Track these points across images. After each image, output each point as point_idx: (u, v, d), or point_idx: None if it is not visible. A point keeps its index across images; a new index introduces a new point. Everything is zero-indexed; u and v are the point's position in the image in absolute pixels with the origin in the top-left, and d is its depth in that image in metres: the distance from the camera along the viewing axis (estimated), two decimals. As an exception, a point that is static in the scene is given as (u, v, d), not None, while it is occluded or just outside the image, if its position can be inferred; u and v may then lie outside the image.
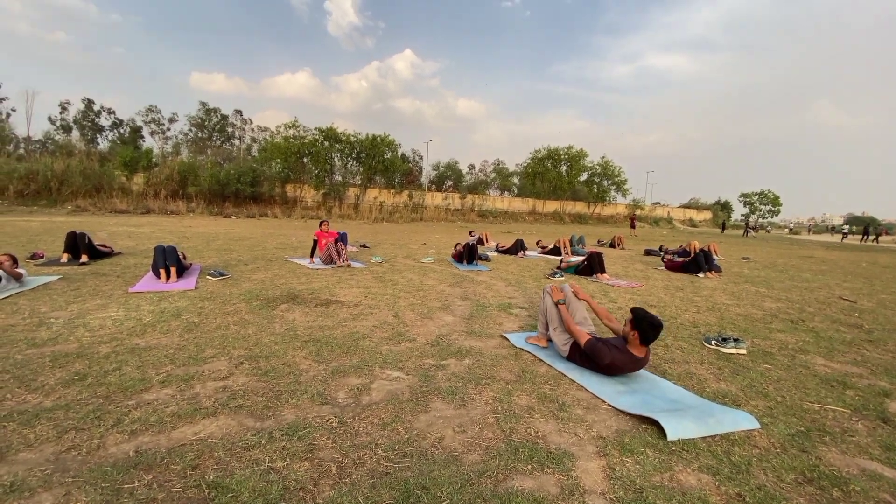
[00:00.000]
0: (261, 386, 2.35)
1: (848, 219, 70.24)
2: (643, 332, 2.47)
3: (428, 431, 1.94)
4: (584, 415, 2.16)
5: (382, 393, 2.32)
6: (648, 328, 2.46)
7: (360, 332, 3.38)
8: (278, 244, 10.04)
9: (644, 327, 2.47)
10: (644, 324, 2.47)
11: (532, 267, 7.76)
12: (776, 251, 15.12)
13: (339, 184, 31.83)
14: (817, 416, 2.25)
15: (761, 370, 2.90)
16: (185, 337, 3.11)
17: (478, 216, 34.80)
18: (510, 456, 1.76)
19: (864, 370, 2.98)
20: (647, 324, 2.46)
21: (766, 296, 5.80)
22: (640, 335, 2.48)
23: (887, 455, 1.87)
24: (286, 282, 5.34)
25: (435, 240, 13.54)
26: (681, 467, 1.74)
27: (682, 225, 43.87)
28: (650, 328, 2.46)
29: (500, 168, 43.89)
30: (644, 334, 2.47)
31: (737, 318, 4.45)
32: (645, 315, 2.49)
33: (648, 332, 2.46)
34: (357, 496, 1.49)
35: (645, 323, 2.47)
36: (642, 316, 2.49)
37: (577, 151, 36.69)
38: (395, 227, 21.19)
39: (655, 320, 2.47)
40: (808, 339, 3.73)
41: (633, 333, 2.50)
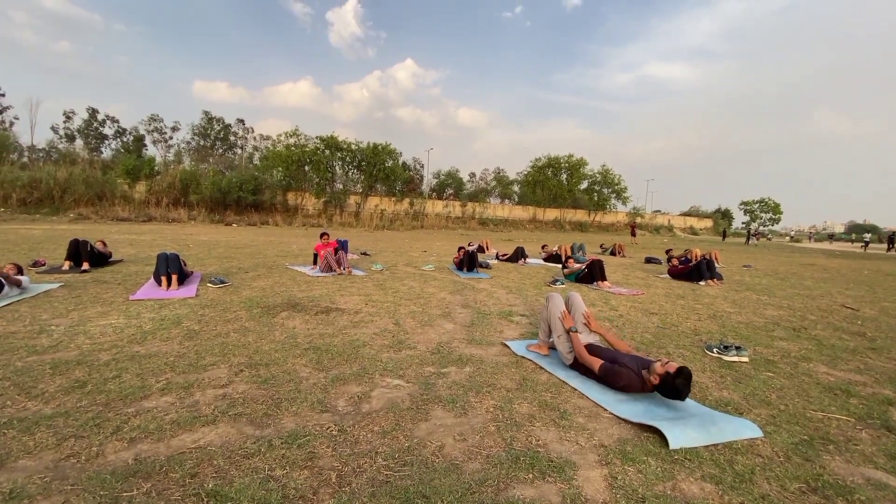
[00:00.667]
0: (260, 394, 2.34)
1: (849, 226, 70.23)
2: (663, 387, 2.33)
3: (428, 440, 1.93)
4: (585, 423, 2.15)
5: (383, 401, 2.31)
6: (670, 390, 2.30)
7: (360, 340, 3.37)
8: (279, 252, 10.05)
9: (667, 388, 2.31)
10: (669, 386, 2.30)
11: (533, 275, 7.76)
12: (777, 259, 15.09)
13: (340, 192, 31.95)
14: (821, 424, 2.23)
15: (764, 378, 2.89)
16: (186, 345, 3.11)
17: (478, 224, 34.86)
18: (511, 464, 1.75)
19: (867, 378, 2.96)
20: (672, 388, 2.28)
21: (767, 304, 5.79)
22: (659, 384, 2.35)
23: (892, 464, 1.86)
24: (287, 289, 5.34)
25: (436, 247, 13.55)
26: (683, 476, 1.72)
27: (683, 233, 43.86)
28: (671, 391, 2.30)
29: (501, 176, 44.07)
30: (662, 388, 2.34)
31: (738, 325, 4.43)
32: (677, 383, 2.26)
33: (667, 391, 2.33)
34: (357, 505, 1.48)
35: (670, 387, 2.29)
36: (674, 382, 2.26)
37: (578, 160, 36.87)
38: (396, 235, 21.21)
39: (682, 393, 2.27)
40: (811, 347, 3.71)
41: (657, 377, 2.35)
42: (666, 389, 2.31)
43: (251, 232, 17.74)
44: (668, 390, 2.30)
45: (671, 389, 2.28)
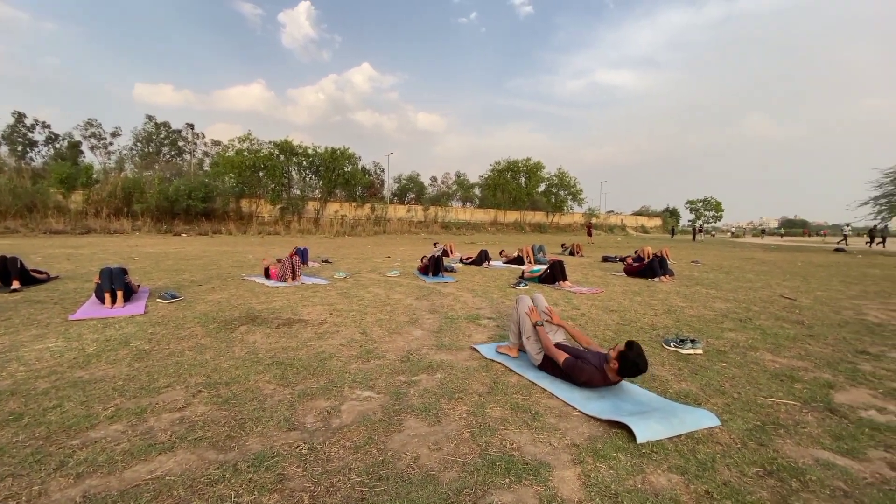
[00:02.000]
0: (222, 415, 2.22)
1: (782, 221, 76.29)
2: (623, 366, 2.45)
3: (403, 451, 1.89)
4: (556, 423, 2.19)
5: (353, 414, 2.25)
6: (630, 367, 2.43)
7: (326, 352, 3.28)
8: (234, 262, 9.64)
9: (626, 364, 2.43)
10: (627, 362, 2.43)
11: (497, 277, 7.86)
12: (721, 254, 16.10)
13: (297, 198, 31.09)
14: (771, 410, 2.39)
15: (717, 368, 3.06)
16: (135, 366, 2.90)
17: (441, 228, 34.96)
18: (487, 470, 1.75)
19: (808, 364, 3.20)
20: (631, 363, 2.42)
21: (715, 297, 6.15)
22: (619, 367, 2.47)
23: (837, 444, 2.01)
24: (244, 302, 5.12)
25: (399, 252, 13.45)
26: (651, 469, 1.79)
27: (635, 231, 45.96)
28: (632, 367, 2.43)
29: (462, 180, 44.44)
30: (623, 368, 2.46)
31: (691, 319, 4.68)
32: (630, 355, 2.42)
33: (628, 369, 2.45)
34: (332, 526, 1.43)
35: (628, 362, 2.42)
36: (627, 356, 2.43)
37: (535, 163, 37.86)
38: (358, 241, 20.89)
39: (640, 363, 2.42)
40: (757, 336, 3.97)
41: (614, 362, 2.48)
42: (627, 367, 2.44)
43: (202, 242, 16.89)
44: (629, 367, 2.44)
45: (631, 365, 2.41)
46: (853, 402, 2.48)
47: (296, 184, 32.41)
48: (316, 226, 29.17)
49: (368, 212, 34.31)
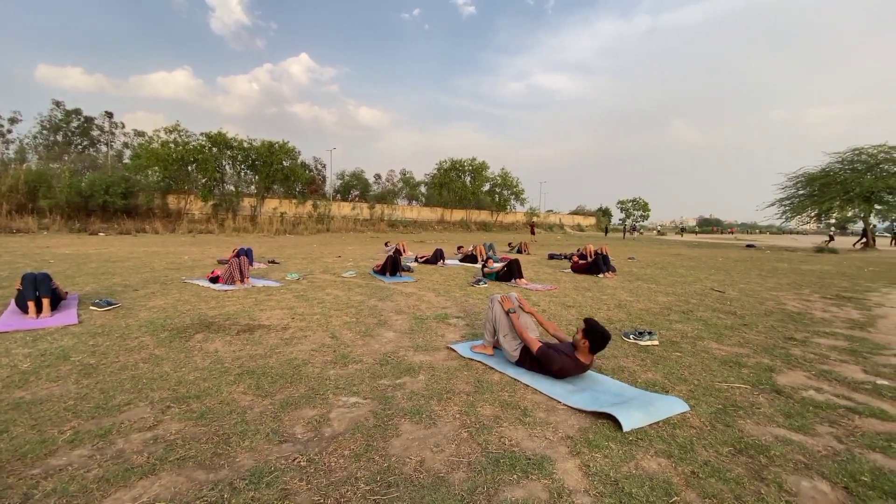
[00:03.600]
0: (200, 431, 2.06)
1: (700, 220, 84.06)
2: (593, 341, 2.66)
3: (406, 456, 1.88)
4: (546, 417, 2.27)
5: (345, 422, 2.19)
6: (599, 338, 2.66)
7: (298, 359, 3.14)
8: (169, 264, 8.90)
9: (595, 338, 2.66)
10: (596, 335, 2.66)
11: (454, 276, 7.93)
12: (652, 251, 17.41)
13: (231, 194, 29.25)
14: (728, 393, 2.65)
15: (675, 358, 3.33)
16: (84, 383, 2.60)
17: (388, 226, 34.57)
18: (493, 468, 1.79)
19: (748, 350, 3.58)
20: (599, 335, 2.66)
21: (657, 291, 6.66)
22: (590, 344, 2.67)
23: (789, 421, 2.28)
24: (193, 308, 4.75)
25: (349, 252, 13.13)
26: (641, 455, 1.92)
27: (572, 230, 48.36)
28: (601, 339, 2.66)
29: (408, 178, 44.16)
30: (594, 344, 2.67)
31: (640, 312, 5.04)
32: (596, 327, 2.68)
33: (598, 342, 2.66)
34: (352, 539, 1.39)
35: (597, 334, 2.66)
36: (594, 328, 2.68)
37: (480, 163, 38.54)
38: (302, 240, 20.10)
39: (606, 333, 2.67)
40: (700, 327, 4.36)
41: (583, 342, 2.68)
42: (596, 340, 2.68)
43: (126, 242, 15.38)
44: (597, 339, 2.68)
45: (599, 335, 2.67)
46: (794, 384, 2.82)
47: (230, 179, 30.51)
48: (253, 224, 27.63)
49: (310, 209, 33.11)
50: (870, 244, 20.20)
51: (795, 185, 21.26)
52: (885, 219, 23.37)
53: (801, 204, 20.79)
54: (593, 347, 2.69)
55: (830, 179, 19.54)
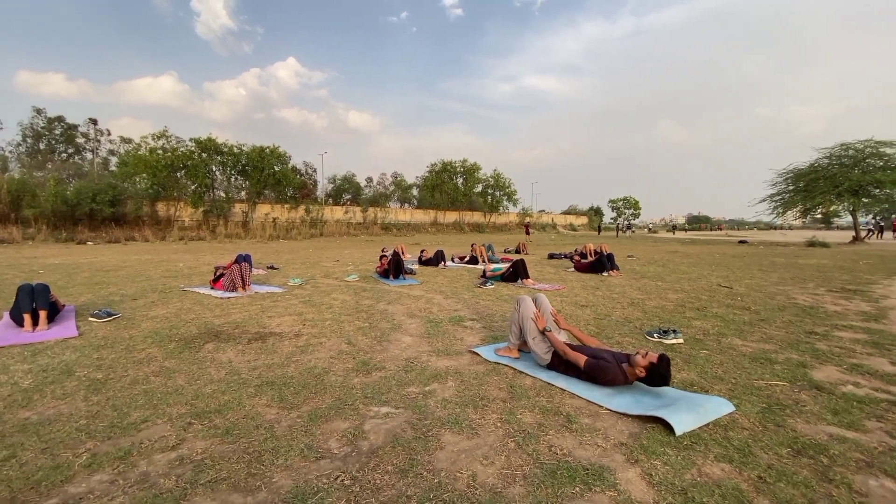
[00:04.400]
0: (229, 449, 1.93)
1: (689, 218, 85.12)
2: (651, 377, 2.44)
3: (455, 470, 1.76)
4: (592, 423, 2.17)
5: (381, 434, 2.06)
6: (658, 378, 2.43)
7: (318, 367, 3.00)
8: (164, 272, 8.68)
9: (655, 377, 2.43)
10: (657, 375, 2.42)
11: (458, 277, 7.82)
12: (647, 248, 17.48)
13: (222, 200, 28.86)
14: (768, 391, 2.57)
15: (703, 356, 3.25)
16: (94, 400, 2.44)
17: (381, 229, 34.37)
18: (552, 481, 1.68)
19: (773, 346, 3.52)
20: (660, 376, 2.42)
21: (665, 288, 6.61)
22: (646, 376, 2.45)
23: (838, 418, 2.20)
24: (197, 316, 4.59)
25: (346, 255, 12.96)
26: (701, 460, 1.83)
27: (565, 230, 48.57)
28: (659, 379, 2.44)
29: (399, 180, 44.05)
30: (650, 379, 2.46)
31: (655, 310, 4.97)
32: (665, 371, 2.40)
33: (655, 380, 2.46)
34: (418, 566, 1.27)
35: (658, 375, 2.42)
36: (662, 373, 2.41)
37: (472, 164, 38.56)
38: (296, 245, 19.83)
39: (668, 378, 2.43)
40: (719, 323, 4.30)
41: (642, 371, 2.45)
42: (654, 378, 2.44)
43: (116, 251, 15.01)
44: (655, 378, 2.44)
45: (659, 377, 2.42)
46: (830, 379, 2.75)
47: (220, 185, 30.11)
48: (245, 230, 27.28)
49: (303, 214, 32.80)
50: (858, 237, 20.53)
51: (785, 181, 21.55)
52: (868, 212, 23.80)
53: (792, 199, 21.08)
54: (647, 380, 2.48)
55: (819, 174, 19.84)
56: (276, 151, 30.41)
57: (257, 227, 28.18)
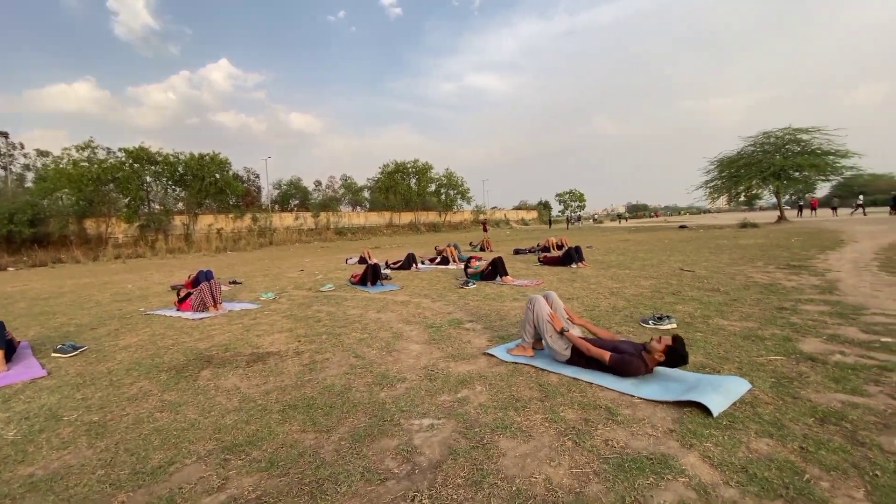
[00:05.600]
0: (282, 483, 1.81)
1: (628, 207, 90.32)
2: (671, 359, 2.59)
3: (527, 475, 1.77)
4: (633, 413, 2.26)
5: (436, 448, 2.03)
6: (678, 359, 2.58)
7: (336, 384, 2.89)
8: (113, 296, 7.98)
9: (676, 357, 2.57)
10: (677, 355, 2.56)
11: (436, 280, 7.80)
12: (600, 238, 18.31)
13: (159, 213, 26.91)
14: (770, 366, 2.80)
15: (699, 338, 3.47)
16: (101, 445, 2.20)
17: (335, 234, 33.56)
18: (624, 474, 1.73)
19: (755, 323, 3.82)
20: (680, 356, 2.56)
21: (635, 276, 6.97)
22: (666, 359, 2.60)
23: (841, 386, 2.44)
24: (175, 342, 4.26)
25: (309, 264, 12.51)
26: (746, 438, 1.95)
27: (518, 225, 49.84)
28: (679, 359, 2.58)
29: (350, 183, 43.12)
30: (669, 361, 2.60)
31: (636, 297, 5.23)
32: (682, 350, 2.56)
33: (675, 361, 2.59)
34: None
35: (678, 355, 2.56)
36: (680, 352, 2.56)
37: (424, 164, 38.53)
38: (248, 256, 18.90)
39: (686, 357, 2.57)
40: (699, 306, 4.60)
41: (661, 355, 2.60)
42: (674, 359, 2.59)
43: (46, 275, 13.56)
44: (676, 359, 2.59)
45: (679, 357, 2.57)
46: (818, 350, 3.04)
47: (156, 197, 28.04)
48: (188, 243, 25.56)
49: (250, 223, 31.30)
50: (783, 217, 22.76)
51: (717, 168, 23.43)
52: (790, 193, 26.32)
53: (724, 185, 22.98)
54: (667, 362, 2.63)
55: (747, 161, 21.79)
56: (216, 158, 28.83)
57: (201, 240, 26.53)
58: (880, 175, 41.81)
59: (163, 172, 26.68)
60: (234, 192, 31.44)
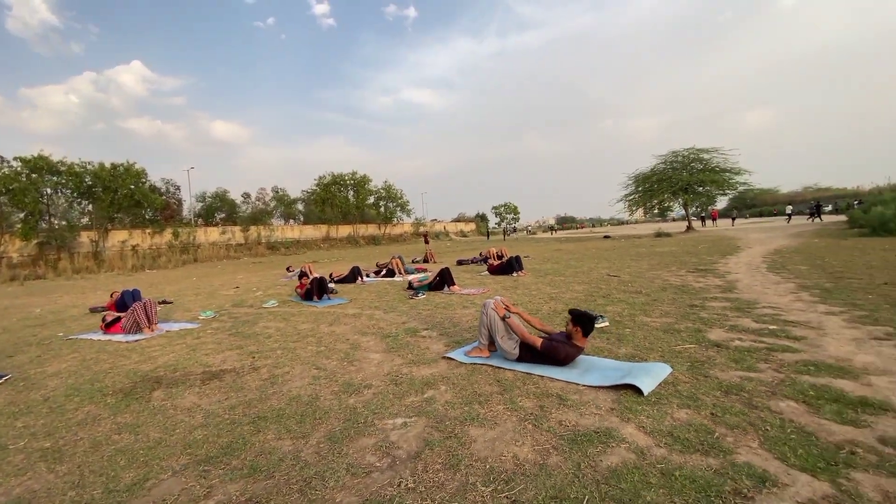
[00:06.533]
0: (269, 485, 1.89)
1: (557, 219, 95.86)
2: (584, 325, 3.07)
3: (497, 455, 2.01)
4: (580, 398, 2.59)
5: (412, 441, 2.21)
6: (587, 321, 3.08)
7: (303, 395, 2.95)
8: (22, 321, 7.19)
9: (584, 322, 3.07)
10: (584, 319, 3.08)
11: (384, 292, 7.90)
12: (535, 248, 19.38)
13: (63, 229, 24.12)
14: (686, 353, 3.30)
15: (628, 334, 3.96)
16: (62, 469, 2.12)
17: (267, 248, 32.07)
18: (577, 447, 2.03)
19: (672, 319, 4.42)
20: (586, 318, 3.09)
21: (569, 282, 7.59)
22: (581, 329, 3.07)
23: (739, 365, 2.97)
24: (113, 366, 4.03)
25: (242, 281, 11.97)
26: (670, 410, 2.36)
27: (457, 236, 50.83)
28: (588, 321, 3.08)
29: (282, 195, 41.45)
30: (585, 327, 3.07)
31: (572, 301, 5.75)
32: (581, 313, 3.11)
33: (587, 325, 3.07)
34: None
35: (584, 318, 3.08)
36: (581, 315, 3.10)
37: (362, 177, 38.20)
38: (171, 275, 17.58)
39: (590, 315, 3.11)
40: (626, 306, 5.19)
41: (576, 329, 3.07)
42: (586, 325, 3.12)
43: (-81, 302, 11.64)
44: (587, 323, 3.12)
45: (587, 320, 3.12)
46: (721, 339, 3.62)
47: (58, 211, 25.12)
48: (98, 262, 23.12)
49: (170, 238, 29.00)
50: (690, 227, 25.56)
51: (635, 183, 25.87)
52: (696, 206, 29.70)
53: (642, 198, 25.41)
54: (586, 331, 3.10)
55: (659, 177, 24.34)
56: (132, 169, 26.51)
57: (114, 258, 24.12)
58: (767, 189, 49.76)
59: (67, 184, 24.02)
60: (153, 205, 29.09)
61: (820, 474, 1.72)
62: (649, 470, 1.81)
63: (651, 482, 1.73)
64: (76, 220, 25.70)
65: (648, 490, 1.68)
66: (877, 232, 13.46)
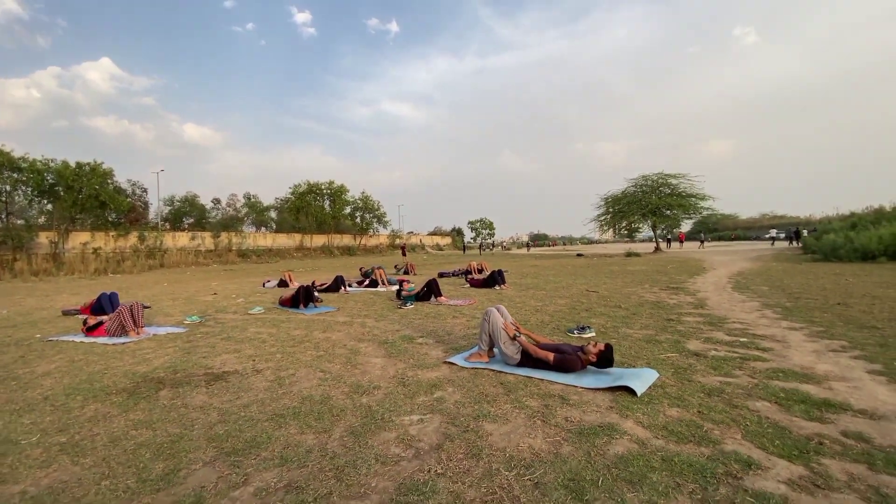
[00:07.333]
0: (304, 472, 2.01)
1: (531, 236, 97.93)
2: (600, 361, 3.24)
3: (514, 445, 2.20)
4: (580, 398, 2.82)
5: (431, 435, 2.36)
6: (605, 363, 3.23)
7: (315, 395, 3.05)
8: (-12, 323, 6.83)
9: (603, 361, 3.23)
10: (605, 360, 3.22)
11: (370, 301, 7.98)
12: (512, 264, 19.78)
13: (20, 228, 22.88)
14: (669, 361, 3.60)
15: (614, 343, 4.23)
16: (87, 461, 2.16)
17: (238, 256, 31.30)
18: (585, 438, 2.24)
19: (652, 331, 4.75)
20: (607, 360, 3.22)
21: (551, 296, 7.91)
22: (597, 361, 3.24)
23: (717, 371, 3.28)
24: (106, 367, 3.98)
25: (219, 287, 11.74)
26: (662, 408, 2.61)
27: (433, 250, 51.05)
28: (606, 363, 3.23)
29: (254, 202, 40.63)
30: (599, 363, 3.25)
31: (557, 313, 6.04)
32: (610, 356, 3.22)
33: (602, 364, 3.25)
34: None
35: (606, 359, 3.22)
36: (609, 358, 3.22)
37: (339, 186, 38.02)
38: (137, 280, 16.97)
39: (612, 361, 3.24)
40: (608, 319, 5.51)
41: (594, 357, 3.24)
42: (602, 362, 3.25)
43: None
44: (603, 362, 3.24)
45: (606, 361, 3.23)
46: (699, 349, 3.96)
47: (15, 209, 23.86)
48: (57, 264, 21.98)
49: (136, 242, 27.90)
50: (658, 248, 26.77)
51: (606, 204, 26.99)
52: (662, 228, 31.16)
53: (613, 219, 26.51)
54: (597, 364, 3.27)
55: (629, 199, 25.50)
56: (98, 169, 25.53)
57: (74, 260, 22.99)
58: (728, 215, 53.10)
59: (27, 181, 22.90)
60: (119, 207, 28.02)
61: (795, 460, 2.00)
62: (651, 456, 2.05)
63: (654, 466, 1.96)
64: (34, 219, 24.46)
65: (653, 472, 1.91)
66: (828, 258, 14.58)
